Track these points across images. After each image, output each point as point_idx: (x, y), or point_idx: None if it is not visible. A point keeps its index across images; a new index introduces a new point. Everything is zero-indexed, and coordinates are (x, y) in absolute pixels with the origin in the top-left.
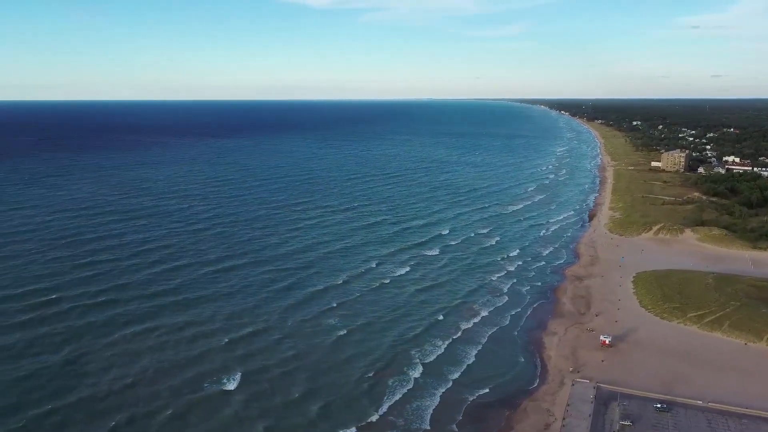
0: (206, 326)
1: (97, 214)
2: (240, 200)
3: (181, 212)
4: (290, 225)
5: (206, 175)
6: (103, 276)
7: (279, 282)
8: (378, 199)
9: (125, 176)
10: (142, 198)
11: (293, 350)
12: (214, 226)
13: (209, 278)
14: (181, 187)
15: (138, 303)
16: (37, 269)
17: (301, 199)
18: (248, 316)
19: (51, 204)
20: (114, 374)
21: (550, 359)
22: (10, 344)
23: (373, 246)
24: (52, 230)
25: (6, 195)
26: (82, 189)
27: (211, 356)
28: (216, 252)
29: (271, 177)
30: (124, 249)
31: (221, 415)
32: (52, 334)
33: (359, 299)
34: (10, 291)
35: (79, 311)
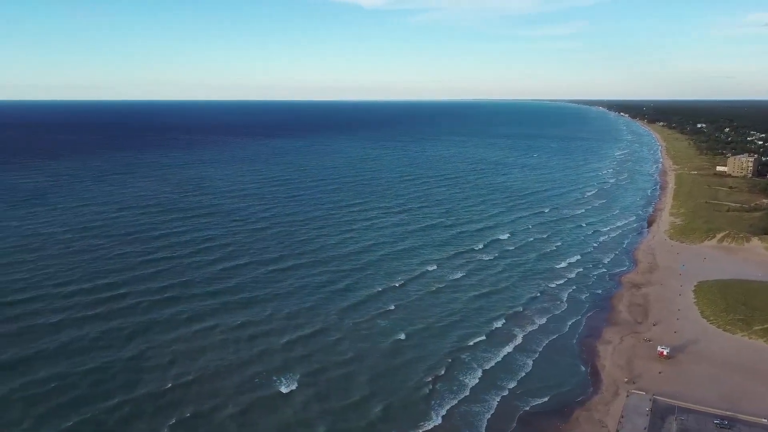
0: (265, 325)
1: (161, 211)
2: (296, 200)
3: (240, 211)
4: (346, 226)
5: (263, 174)
6: (167, 272)
7: (336, 283)
8: (433, 202)
9: (185, 174)
10: (203, 196)
11: (351, 352)
12: (272, 225)
13: (268, 277)
14: (239, 186)
15: (199, 300)
16: (106, 264)
17: (356, 200)
18: (306, 316)
19: (117, 201)
20: (177, 370)
21: (604, 368)
22: (81, 336)
23: (429, 249)
24: (119, 226)
25: (76, 191)
26: (146, 186)
27: (270, 356)
28: (274, 251)
29: (325, 177)
30: (186, 246)
31: (281, 415)
32: (120, 328)
33: (416, 303)
34: (82, 285)
35: (145, 306)
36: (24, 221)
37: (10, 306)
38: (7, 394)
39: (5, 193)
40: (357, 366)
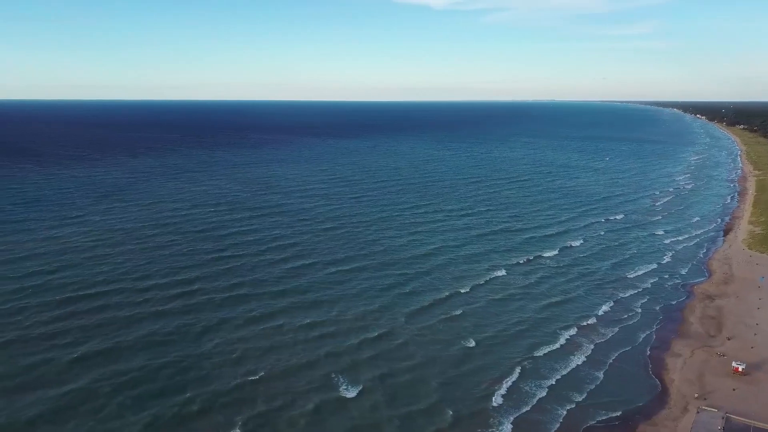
0: (332, 326)
1: (231, 209)
2: (362, 201)
3: (308, 211)
4: (412, 228)
5: (329, 174)
6: (237, 270)
7: (403, 286)
8: (501, 205)
9: (254, 173)
10: (271, 195)
11: (418, 357)
12: (339, 225)
13: (335, 278)
14: (306, 185)
15: (268, 299)
16: (180, 260)
17: (421, 202)
18: (373, 318)
19: (190, 198)
20: (246, 367)
21: (673, 383)
22: (157, 330)
23: (497, 254)
24: (192, 223)
25: (152, 188)
26: (217, 184)
27: (337, 357)
28: (341, 252)
29: (390, 178)
30: (254, 245)
31: (347, 418)
32: (193, 323)
33: (484, 309)
34: (158, 280)
35: (216, 303)
36: (105, 216)
37: (94, 298)
38: (90, 383)
39: (88, 188)
40: (424, 371)
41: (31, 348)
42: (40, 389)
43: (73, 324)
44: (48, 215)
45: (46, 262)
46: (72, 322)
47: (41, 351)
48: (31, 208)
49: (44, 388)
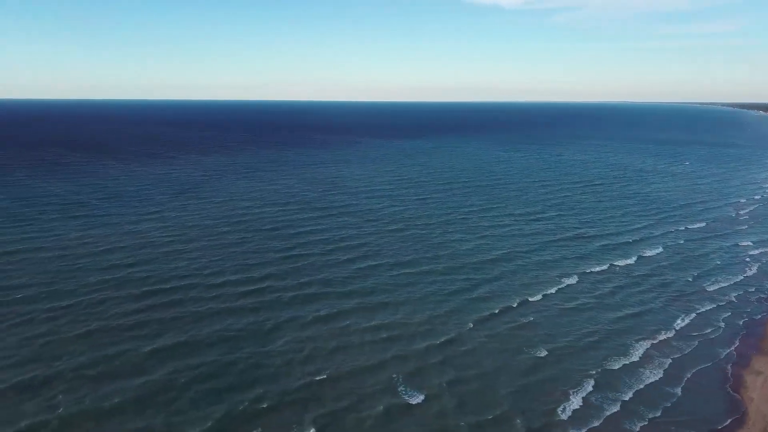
0: (399, 329)
1: (300, 208)
2: (428, 202)
3: (374, 212)
4: (479, 232)
5: (394, 175)
6: (305, 269)
7: (471, 291)
8: (572, 210)
9: (322, 173)
10: (338, 195)
11: (487, 365)
12: (406, 227)
13: (402, 280)
14: (372, 186)
15: (335, 299)
16: (251, 258)
17: (489, 205)
18: (440, 323)
19: (261, 197)
20: (313, 367)
21: (752, 401)
22: (229, 326)
23: (569, 261)
24: (264, 221)
25: (224, 186)
26: (287, 183)
27: (403, 361)
28: (408, 254)
29: (456, 180)
30: (322, 244)
31: (414, 423)
32: (263, 321)
33: (555, 318)
34: (230, 276)
35: (285, 301)
36: (180, 212)
37: (170, 292)
38: (166, 375)
39: (165, 185)
40: (493, 379)
41: (111, 338)
42: (119, 378)
43: (150, 317)
44: (128, 210)
45: (126, 255)
46: (149, 315)
47: (121, 341)
48: (112, 203)
49: (123, 377)
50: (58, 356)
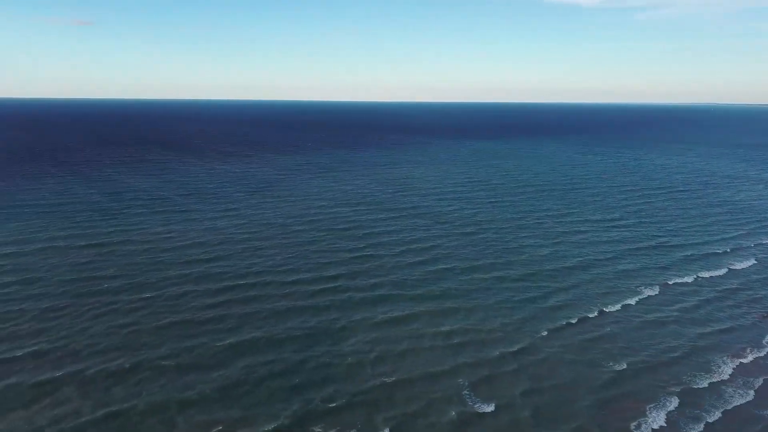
0: (470, 336)
1: (372, 209)
2: (501, 205)
3: (446, 214)
4: (556, 238)
5: (467, 176)
6: (376, 270)
7: (546, 299)
8: (654, 218)
9: (394, 173)
10: (410, 196)
11: (562, 376)
12: (478, 230)
13: (474, 285)
14: (443, 187)
15: (405, 302)
16: (323, 257)
17: (564, 210)
18: (513, 331)
19: (335, 196)
20: (383, 369)
21: None
22: (300, 325)
23: (651, 271)
24: (336, 220)
25: (299, 185)
26: (359, 184)
27: (475, 368)
28: (481, 258)
29: (531, 183)
30: (393, 246)
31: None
32: (333, 321)
33: (635, 330)
34: (303, 275)
35: (356, 302)
36: (256, 210)
37: (246, 288)
38: (240, 370)
39: (242, 182)
40: (569, 392)
41: (190, 330)
42: (198, 370)
43: (226, 312)
44: (207, 207)
45: (205, 250)
46: (226, 310)
47: (199, 334)
48: (192, 200)
49: (201, 369)
50: (141, 346)
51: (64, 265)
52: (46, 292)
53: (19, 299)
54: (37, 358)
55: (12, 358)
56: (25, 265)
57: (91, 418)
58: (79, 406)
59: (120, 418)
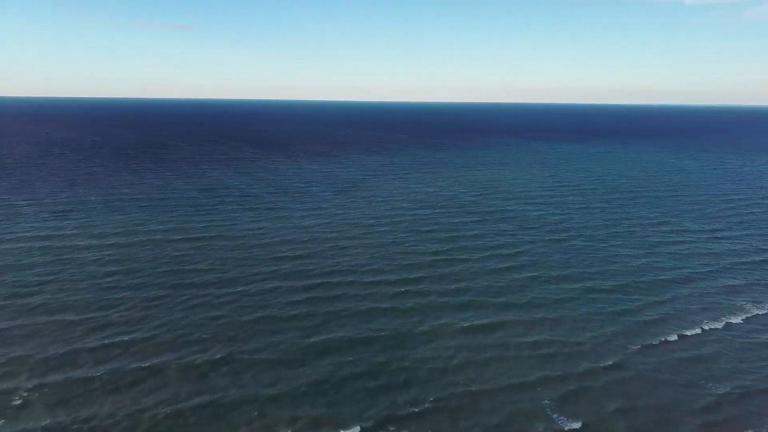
0: (558, 348)
1: (456, 211)
2: (593, 212)
3: (533, 219)
4: (651, 248)
5: (555, 180)
6: (459, 275)
7: (640, 313)
8: (764, 230)
9: (478, 176)
10: (495, 199)
11: (657, 396)
12: (568, 237)
13: (562, 295)
14: (530, 190)
15: (489, 309)
16: (406, 258)
17: (662, 219)
18: (604, 346)
19: (418, 197)
20: (465, 377)
21: None
22: (381, 327)
23: (761, 288)
24: (420, 222)
25: (384, 185)
26: (443, 185)
27: (561, 382)
28: (570, 267)
29: (624, 189)
30: (478, 250)
31: None
32: (415, 324)
33: (740, 351)
34: (386, 276)
35: (438, 306)
36: (342, 210)
37: (330, 287)
38: (322, 369)
39: (328, 182)
40: (664, 413)
41: (276, 327)
42: (283, 367)
43: (312, 309)
44: (295, 205)
45: (293, 248)
46: (311, 308)
47: (284, 331)
48: (281, 197)
49: (286, 366)
50: (231, 339)
51: (162, 257)
52: (145, 282)
53: (122, 288)
54: (137, 345)
55: (115, 344)
56: (127, 255)
57: (188, 405)
58: (176, 392)
59: (213, 406)
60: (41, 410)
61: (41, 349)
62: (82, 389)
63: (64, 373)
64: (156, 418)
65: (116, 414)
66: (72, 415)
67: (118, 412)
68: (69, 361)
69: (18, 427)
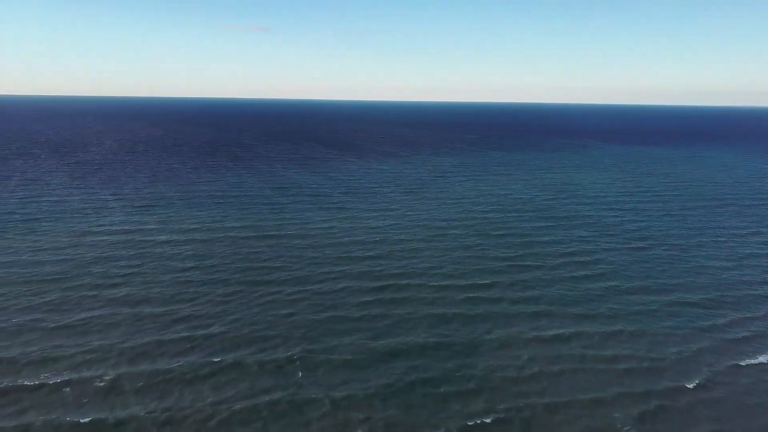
0: (638, 364)
1: (530, 215)
2: (676, 219)
3: (613, 225)
4: (742, 260)
5: (635, 185)
6: (532, 282)
7: (731, 329)
8: None
9: (553, 178)
10: (571, 204)
11: (748, 422)
12: (650, 246)
13: (645, 308)
14: (608, 195)
15: (563, 319)
16: (479, 263)
17: (753, 228)
18: (690, 363)
19: (489, 200)
20: (538, 388)
21: None
22: (450, 333)
23: None
24: (492, 225)
25: (454, 186)
26: (516, 188)
27: (641, 400)
28: (653, 277)
29: (711, 195)
30: (553, 257)
31: None
32: (485, 332)
33: None
34: (455, 281)
35: (509, 315)
36: (412, 210)
37: (398, 289)
38: (390, 372)
39: (397, 182)
40: None
41: (346, 327)
42: (351, 369)
43: (381, 312)
44: (366, 205)
45: (363, 248)
46: (380, 310)
47: (354, 332)
48: (353, 197)
49: (354, 368)
50: (300, 337)
51: (237, 253)
52: (221, 278)
53: (199, 282)
54: (213, 338)
55: (192, 337)
56: (204, 250)
57: (261, 400)
58: (250, 386)
59: (285, 402)
60: (122, 398)
61: (124, 339)
62: (161, 379)
63: (145, 363)
64: (231, 410)
65: (193, 405)
66: (151, 404)
67: (196, 403)
68: (149, 352)
69: (100, 414)
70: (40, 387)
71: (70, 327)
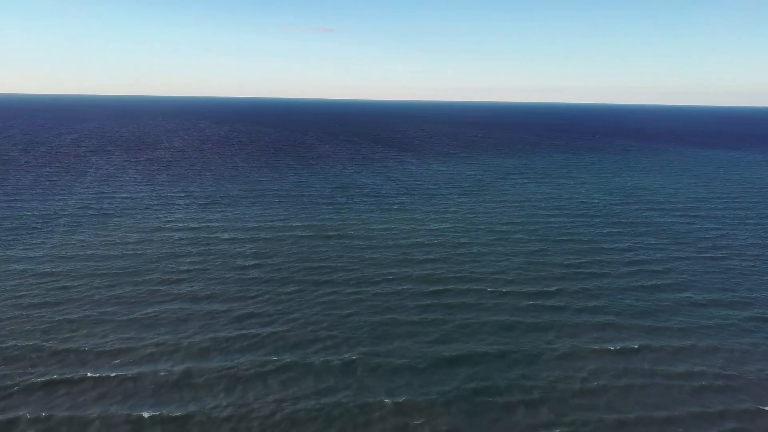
0: (713, 381)
1: (597, 221)
2: (755, 228)
3: (685, 233)
4: None
5: (708, 190)
6: (596, 291)
7: None
8: None
9: (621, 182)
10: (640, 209)
11: None
12: (726, 255)
13: (722, 322)
14: (678, 201)
15: (630, 331)
16: (542, 269)
17: None
18: (745, 380)
19: (553, 203)
20: (606, 404)
21: None
22: (512, 341)
23: None
24: (556, 230)
25: (515, 188)
26: (581, 191)
27: (717, 421)
28: (730, 290)
29: None
30: (620, 264)
31: None
32: (547, 343)
33: None
34: (517, 286)
35: (572, 324)
36: (473, 213)
37: (460, 294)
38: (448, 381)
39: (456, 183)
40: None
41: (404, 331)
42: (409, 374)
43: (440, 317)
44: (426, 207)
45: (422, 250)
46: (439, 315)
47: (412, 336)
48: (413, 198)
49: (412, 373)
50: (359, 339)
51: (298, 252)
52: (282, 276)
53: (261, 280)
54: (273, 337)
55: (253, 334)
56: (266, 249)
57: (322, 400)
58: (308, 387)
59: (343, 405)
60: (190, 392)
61: (190, 334)
62: (225, 375)
63: (210, 358)
64: (294, 407)
65: (257, 401)
66: (217, 398)
67: (259, 399)
68: (214, 347)
69: (165, 408)
70: (112, 378)
71: (140, 320)
